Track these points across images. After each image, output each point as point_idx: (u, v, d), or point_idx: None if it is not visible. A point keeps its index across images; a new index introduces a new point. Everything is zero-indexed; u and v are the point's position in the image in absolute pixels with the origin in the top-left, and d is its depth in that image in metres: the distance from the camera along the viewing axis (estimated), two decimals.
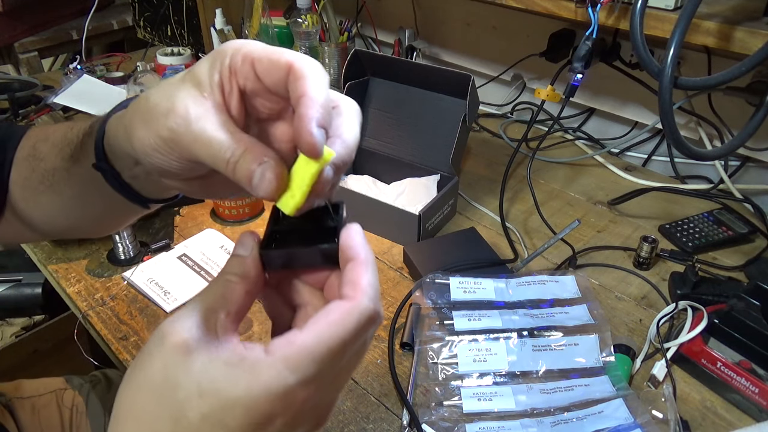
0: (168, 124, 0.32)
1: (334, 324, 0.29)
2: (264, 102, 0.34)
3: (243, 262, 0.32)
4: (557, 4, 0.89)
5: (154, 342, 0.30)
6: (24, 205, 0.48)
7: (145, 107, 0.34)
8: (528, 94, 1.36)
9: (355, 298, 0.30)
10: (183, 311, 0.30)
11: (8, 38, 1.66)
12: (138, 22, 1.72)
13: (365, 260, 0.32)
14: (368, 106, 1.08)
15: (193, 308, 0.30)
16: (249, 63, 0.32)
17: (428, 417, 0.65)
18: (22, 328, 1.39)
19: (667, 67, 0.70)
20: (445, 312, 0.76)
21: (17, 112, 1.30)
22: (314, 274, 0.35)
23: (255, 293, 0.33)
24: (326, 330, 0.29)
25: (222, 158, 0.31)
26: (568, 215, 1.02)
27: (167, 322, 0.30)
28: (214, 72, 0.32)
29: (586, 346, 0.72)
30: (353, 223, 0.34)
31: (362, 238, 0.33)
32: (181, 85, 0.33)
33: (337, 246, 0.33)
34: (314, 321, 0.30)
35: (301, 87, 0.30)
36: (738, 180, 1.08)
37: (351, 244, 0.32)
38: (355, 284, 0.31)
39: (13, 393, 0.88)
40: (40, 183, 0.46)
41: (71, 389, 0.91)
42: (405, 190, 1.02)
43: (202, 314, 0.30)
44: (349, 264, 0.32)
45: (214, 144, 0.31)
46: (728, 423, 0.66)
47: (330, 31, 1.33)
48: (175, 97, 0.32)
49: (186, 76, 0.33)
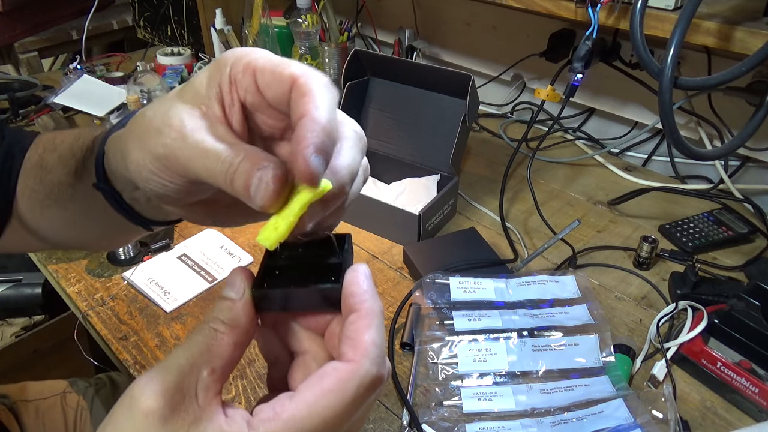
0: (162, 140, 0.29)
1: (330, 393, 0.26)
2: (266, 119, 0.31)
3: (232, 308, 0.28)
4: (557, 4, 0.89)
5: (122, 407, 0.26)
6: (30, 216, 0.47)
7: (139, 125, 0.31)
8: (528, 94, 1.36)
9: (355, 360, 0.27)
10: (159, 368, 0.26)
11: (8, 38, 1.66)
12: (138, 22, 1.72)
13: (369, 312, 0.28)
14: (368, 106, 1.08)
15: (171, 364, 0.26)
16: (250, 74, 0.29)
17: (428, 417, 0.65)
18: (22, 328, 1.39)
19: (667, 67, 0.70)
20: (445, 312, 0.76)
21: (17, 112, 1.30)
22: (314, 317, 0.31)
23: (245, 344, 0.29)
24: (320, 400, 0.26)
25: (220, 171, 0.27)
26: (568, 215, 1.02)
27: (138, 383, 0.26)
28: (213, 83, 0.30)
29: (586, 346, 0.72)
30: (361, 264, 0.30)
31: (369, 284, 0.29)
32: (177, 100, 0.30)
33: (339, 287, 0.29)
34: (307, 387, 0.26)
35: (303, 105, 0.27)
36: (738, 180, 1.08)
37: (355, 290, 0.28)
38: (355, 343, 0.27)
39: (18, 395, 0.88)
40: (46, 197, 0.44)
41: (75, 392, 0.91)
42: (405, 190, 1.02)
43: (180, 372, 0.26)
44: (352, 316, 0.28)
45: (210, 156, 0.28)
46: (728, 423, 0.66)
47: (330, 31, 1.33)
48: (170, 111, 0.29)
49: (184, 89, 0.31)
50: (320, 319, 0.31)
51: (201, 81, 0.30)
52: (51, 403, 0.89)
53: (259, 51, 0.30)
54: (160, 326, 0.78)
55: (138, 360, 0.73)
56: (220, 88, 0.30)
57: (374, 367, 0.27)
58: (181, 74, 1.41)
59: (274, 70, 0.28)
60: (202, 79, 0.30)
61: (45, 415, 0.87)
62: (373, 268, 0.89)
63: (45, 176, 0.44)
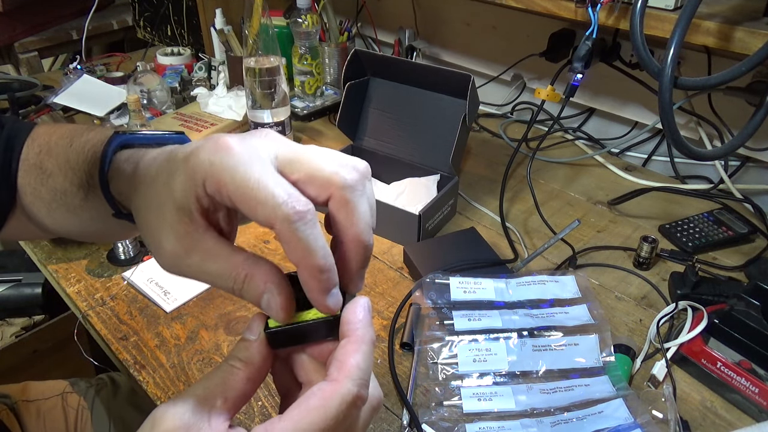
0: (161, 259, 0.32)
1: (314, 410, 0.29)
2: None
3: (248, 347, 0.32)
4: (557, 4, 0.89)
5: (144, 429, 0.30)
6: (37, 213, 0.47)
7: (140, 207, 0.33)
8: (528, 94, 1.36)
9: (338, 380, 0.29)
10: (179, 397, 0.30)
11: (8, 38, 1.66)
12: (138, 22, 1.72)
13: (360, 338, 0.31)
14: (368, 106, 1.08)
15: (190, 394, 0.30)
16: (226, 196, 0.30)
17: (428, 417, 0.65)
18: (22, 328, 1.39)
19: (667, 67, 0.70)
20: (445, 312, 0.76)
21: (17, 112, 1.30)
22: (318, 346, 0.34)
23: (259, 379, 0.32)
24: (305, 417, 0.29)
25: (226, 286, 0.31)
26: (568, 215, 1.02)
27: (160, 409, 0.30)
28: (190, 196, 0.30)
29: (586, 346, 0.72)
30: (362, 296, 0.33)
31: (365, 314, 0.32)
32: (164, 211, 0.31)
33: (339, 317, 0.32)
34: (296, 406, 0.29)
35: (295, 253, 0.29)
36: (738, 180, 1.08)
37: (351, 318, 0.32)
38: (341, 365, 0.30)
39: (19, 395, 0.88)
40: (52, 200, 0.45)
41: (76, 393, 0.91)
42: (405, 190, 1.02)
43: (197, 400, 0.30)
44: (343, 341, 0.31)
45: (212, 274, 0.31)
46: (728, 423, 0.66)
47: (330, 31, 1.33)
48: (161, 232, 0.31)
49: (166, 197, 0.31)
50: (323, 348, 0.33)
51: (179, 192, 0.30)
52: (52, 403, 0.89)
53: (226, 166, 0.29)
54: (160, 326, 0.78)
55: (138, 360, 0.73)
56: (198, 202, 0.30)
57: (355, 387, 0.29)
58: (181, 74, 1.41)
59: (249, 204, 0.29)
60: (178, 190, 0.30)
61: (46, 416, 0.87)
62: (372, 268, 0.89)
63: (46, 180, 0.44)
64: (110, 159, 0.39)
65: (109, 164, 0.39)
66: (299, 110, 1.32)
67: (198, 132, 1.19)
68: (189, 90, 1.39)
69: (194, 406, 0.29)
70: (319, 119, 1.35)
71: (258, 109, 1.13)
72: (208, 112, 1.27)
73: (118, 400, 0.93)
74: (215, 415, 0.30)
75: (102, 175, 0.39)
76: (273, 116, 1.14)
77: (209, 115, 1.27)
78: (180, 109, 1.30)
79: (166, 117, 1.27)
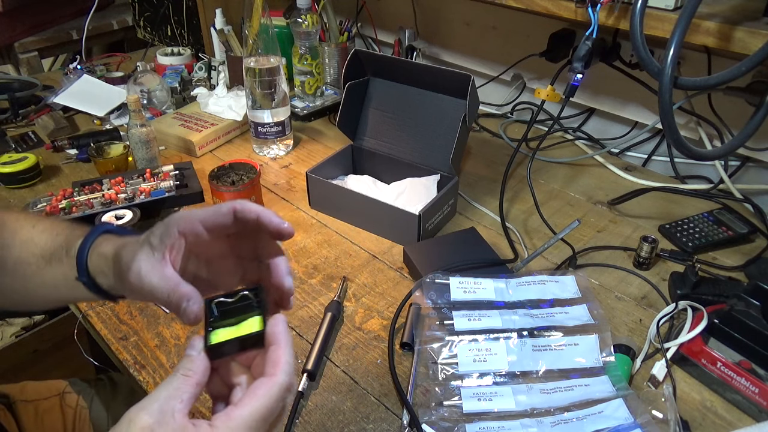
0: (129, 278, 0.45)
1: (262, 397, 0.40)
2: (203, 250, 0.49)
3: (192, 360, 0.41)
4: (557, 4, 0.89)
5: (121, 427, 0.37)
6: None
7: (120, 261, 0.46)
8: (528, 94, 1.36)
9: (275, 374, 0.41)
10: (146, 400, 0.39)
11: (8, 38, 1.66)
12: (138, 22, 1.72)
13: (285, 343, 0.42)
14: (368, 106, 1.08)
15: (155, 397, 0.39)
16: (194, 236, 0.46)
17: (428, 417, 0.65)
18: (22, 328, 1.39)
19: (667, 67, 0.70)
20: (445, 312, 0.76)
21: (17, 112, 1.30)
22: (246, 354, 0.45)
23: (203, 383, 0.41)
24: (255, 402, 0.39)
25: (163, 300, 0.44)
26: (568, 215, 1.02)
27: (133, 409, 0.38)
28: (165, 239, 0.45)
29: (586, 346, 0.72)
30: (279, 314, 0.44)
31: (284, 326, 0.43)
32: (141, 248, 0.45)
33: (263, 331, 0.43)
34: (247, 395, 0.40)
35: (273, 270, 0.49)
36: (738, 180, 1.08)
37: (275, 331, 0.43)
38: (275, 363, 0.41)
39: (18, 395, 0.88)
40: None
41: (75, 393, 0.91)
42: (405, 190, 1.02)
43: (162, 402, 0.38)
44: (272, 347, 0.42)
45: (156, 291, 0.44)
46: (728, 423, 0.66)
47: (330, 31, 1.33)
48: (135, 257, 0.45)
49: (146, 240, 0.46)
50: (249, 356, 0.45)
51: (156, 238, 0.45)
52: (50, 403, 0.89)
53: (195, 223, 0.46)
54: (160, 326, 0.78)
55: (138, 360, 0.73)
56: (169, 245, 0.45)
57: (287, 378, 0.41)
58: (181, 74, 1.41)
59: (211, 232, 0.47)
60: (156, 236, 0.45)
61: (44, 416, 0.87)
62: (373, 268, 0.89)
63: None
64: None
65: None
66: (299, 110, 1.32)
67: (198, 132, 1.19)
68: (189, 90, 1.39)
69: (161, 406, 0.38)
70: (319, 119, 1.35)
71: (258, 109, 1.13)
72: (208, 112, 1.27)
73: (117, 400, 0.93)
74: (178, 412, 0.38)
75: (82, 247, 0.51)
76: (273, 116, 1.14)
77: (209, 115, 1.27)
78: (180, 109, 1.30)
79: (166, 117, 1.27)
